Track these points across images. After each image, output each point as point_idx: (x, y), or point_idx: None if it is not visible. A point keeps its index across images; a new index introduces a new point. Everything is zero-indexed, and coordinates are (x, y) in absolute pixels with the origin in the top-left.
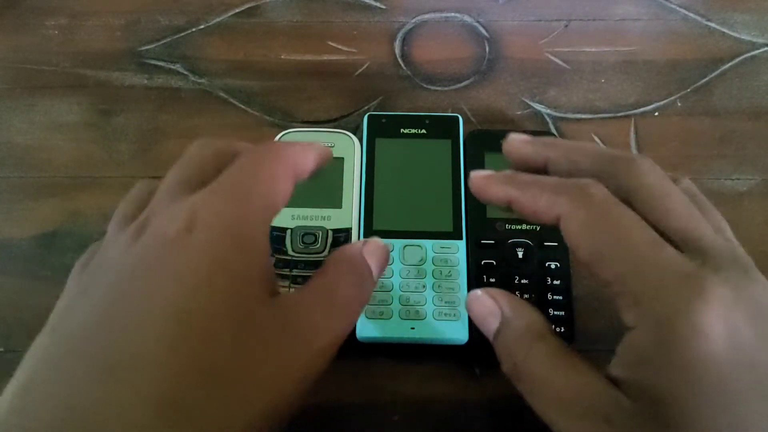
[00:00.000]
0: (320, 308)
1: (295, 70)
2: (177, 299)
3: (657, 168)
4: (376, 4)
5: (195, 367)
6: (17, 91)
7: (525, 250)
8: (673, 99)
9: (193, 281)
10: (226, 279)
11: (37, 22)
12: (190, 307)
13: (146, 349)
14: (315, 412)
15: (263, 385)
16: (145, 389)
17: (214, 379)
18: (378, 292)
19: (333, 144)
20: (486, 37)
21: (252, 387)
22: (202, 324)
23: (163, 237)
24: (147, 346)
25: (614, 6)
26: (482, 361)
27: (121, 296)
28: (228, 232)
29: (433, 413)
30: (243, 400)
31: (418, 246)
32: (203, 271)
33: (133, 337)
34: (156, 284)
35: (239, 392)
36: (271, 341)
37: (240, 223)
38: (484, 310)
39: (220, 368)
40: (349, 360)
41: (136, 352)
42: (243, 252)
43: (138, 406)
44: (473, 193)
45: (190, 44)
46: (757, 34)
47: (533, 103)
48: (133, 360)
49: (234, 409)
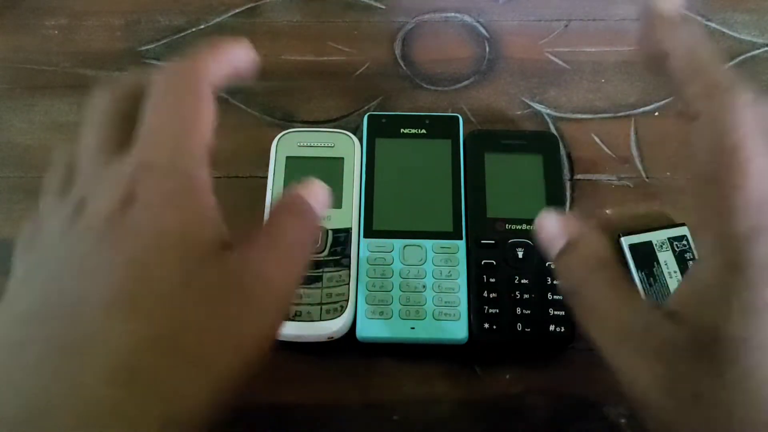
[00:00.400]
0: (268, 257)
1: (295, 70)
2: (125, 276)
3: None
4: (376, 4)
5: (146, 337)
6: (17, 91)
7: (525, 250)
8: (673, 99)
9: (140, 255)
10: (174, 249)
11: (37, 22)
12: (139, 283)
13: (96, 327)
14: (315, 412)
15: (219, 346)
16: (95, 361)
17: (166, 345)
18: (378, 292)
19: (333, 144)
20: (486, 37)
21: (208, 349)
22: (151, 297)
23: (103, 216)
24: (97, 325)
25: (614, 6)
26: (482, 361)
27: (68, 279)
28: (168, 201)
29: (433, 413)
30: (199, 362)
31: (418, 246)
32: (149, 245)
33: (83, 318)
34: (102, 264)
35: (194, 356)
36: (223, 303)
37: (178, 186)
38: (553, 230)
39: (172, 335)
40: (349, 360)
41: (87, 330)
42: (185, 218)
43: (89, 377)
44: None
45: (190, 44)
46: (757, 34)
47: (533, 103)
48: (84, 338)
49: (190, 372)
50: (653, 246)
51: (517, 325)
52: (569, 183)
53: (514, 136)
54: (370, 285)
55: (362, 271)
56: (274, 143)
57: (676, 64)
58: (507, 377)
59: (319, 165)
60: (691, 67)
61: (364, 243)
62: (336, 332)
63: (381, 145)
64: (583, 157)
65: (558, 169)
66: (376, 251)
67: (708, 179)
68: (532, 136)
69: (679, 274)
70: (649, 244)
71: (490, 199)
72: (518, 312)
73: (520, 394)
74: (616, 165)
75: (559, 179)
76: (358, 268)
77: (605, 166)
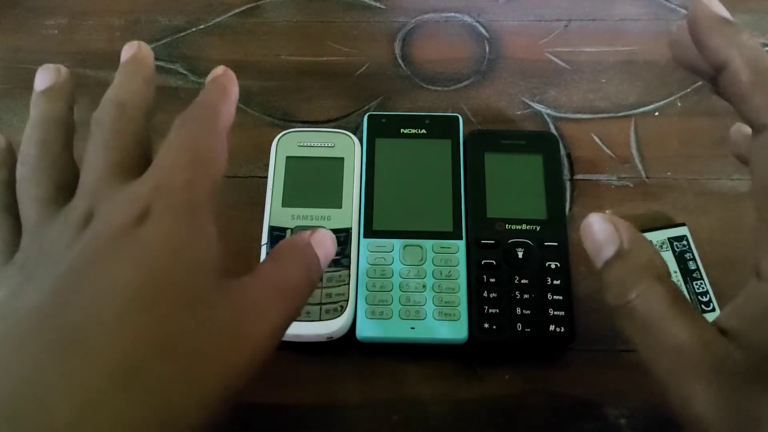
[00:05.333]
0: (270, 291)
1: (295, 70)
2: (133, 283)
3: None
4: (376, 4)
5: (151, 341)
6: (17, 91)
7: (525, 250)
8: (673, 99)
9: (150, 269)
10: (182, 267)
11: (37, 22)
12: (146, 290)
13: (102, 327)
14: (315, 412)
15: (217, 359)
16: (103, 361)
17: (168, 352)
18: (378, 292)
19: (333, 144)
20: (486, 37)
21: (206, 361)
22: (157, 305)
23: (116, 225)
24: (103, 325)
25: (614, 6)
26: (482, 361)
27: (75, 281)
28: (179, 222)
29: (433, 413)
30: (197, 372)
31: (418, 246)
32: (159, 260)
33: (90, 318)
34: (111, 270)
35: (193, 365)
36: (223, 321)
37: (188, 210)
38: (602, 236)
39: (174, 343)
40: (349, 360)
41: (93, 330)
42: (194, 238)
43: (98, 376)
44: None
45: (190, 44)
46: (757, 34)
47: (533, 103)
48: (89, 337)
49: (188, 379)
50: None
51: (517, 325)
52: (569, 183)
53: (514, 136)
54: (370, 285)
55: (362, 271)
56: (274, 143)
57: (740, 74)
58: (507, 377)
59: (319, 165)
60: (757, 77)
61: (363, 243)
62: (336, 332)
63: (381, 145)
64: (583, 157)
65: (558, 169)
66: (375, 251)
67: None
68: (532, 136)
69: (679, 274)
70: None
71: (490, 199)
72: (518, 312)
73: (520, 394)
74: (616, 165)
75: (559, 179)
76: (357, 268)
77: (605, 166)
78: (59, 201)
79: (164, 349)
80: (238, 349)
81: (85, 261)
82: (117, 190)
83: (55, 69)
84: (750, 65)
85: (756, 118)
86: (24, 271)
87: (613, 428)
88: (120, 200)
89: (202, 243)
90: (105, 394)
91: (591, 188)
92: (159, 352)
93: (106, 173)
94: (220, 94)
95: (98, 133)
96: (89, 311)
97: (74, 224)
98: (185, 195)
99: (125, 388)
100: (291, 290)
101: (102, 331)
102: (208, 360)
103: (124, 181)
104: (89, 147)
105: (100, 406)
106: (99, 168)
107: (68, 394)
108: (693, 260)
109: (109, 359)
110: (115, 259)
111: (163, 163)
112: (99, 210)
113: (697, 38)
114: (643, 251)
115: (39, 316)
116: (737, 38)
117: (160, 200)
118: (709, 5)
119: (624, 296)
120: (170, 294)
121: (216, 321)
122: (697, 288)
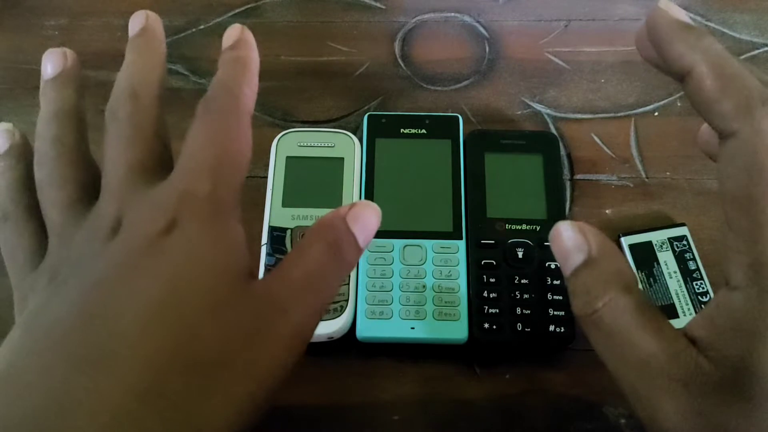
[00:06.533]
0: (291, 287)
1: (295, 70)
2: (159, 298)
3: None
4: (376, 4)
5: (178, 360)
6: (17, 91)
7: (525, 250)
8: (673, 99)
9: (175, 281)
10: (206, 276)
11: (37, 22)
12: (173, 305)
13: (129, 343)
14: (315, 412)
15: (240, 367)
16: (129, 379)
17: (196, 370)
18: (378, 292)
19: (333, 144)
20: (486, 37)
21: (229, 370)
22: (183, 320)
23: (143, 237)
24: (130, 341)
25: (614, 6)
26: (482, 361)
27: (102, 296)
28: (205, 232)
29: (433, 413)
30: (221, 383)
31: (418, 246)
32: (184, 271)
33: (116, 334)
34: (138, 284)
35: (217, 376)
36: (245, 326)
37: (214, 217)
38: (569, 243)
39: (201, 360)
40: (349, 360)
41: (119, 346)
42: (219, 248)
43: (123, 394)
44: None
45: (190, 45)
46: (757, 34)
47: (533, 103)
48: (116, 354)
49: (213, 392)
50: (653, 246)
51: (517, 325)
52: (569, 183)
53: (514, 136)
54: (370, 285)
55: (362, 271)
56: (274, 143)
57: (705, 80)
58: (507, 377)
59: (319, 165)
60: (722, 82)
61: None
62: (336, 332)
63: (381, 145)
64: (583, 157)
65: (558, 169)
66: (376, 251)
67: (744, 201)
68: (532, 136)
69: (679, 274)
70: (648, 244)
71: (490, 199)
72: (518, 312)
73: (520, 394)
74: (616, 165)
75: (559, 179)
76: (358, 268)
77: (605, 166)
78: (83, 200)
79: (187, 362)
80: (261, 353)
81: (113, 274)
82: (143, 194)
83: (61, 53)
84: (714, 70)
85: (722, 124)
86: (53, 282)
87: (613, 428)
88: (146, 208)
89: (227, 250)
90: (131, 412)
91: (591, 188)
92: (182, 366)
93: (130, 173)
94: (241, 71)
95: (115, 128)
96: (115, 328)
97: (103, 233)
98: (211, 202)
99: (150, 405)
100: (316, 282)
101: (127, 347)
102: (231, 369)
103: (148, 180)
104: (108, 142)
105: (127, 424)
106: (122, 167)
107: (94, 412)
108: (693, 260)
109: (135, 377)
110: (141, 273)
111: (189, 165)
112: (126, 217)
113: (659, 45)
114: (611, 260)
115: (66, 331)
116: (700, 43)
117: (186, 209)
118: (667, 10)
119: (590, 305)
120: (194, 305)
121: (239, 327)
122: (697, 288)
